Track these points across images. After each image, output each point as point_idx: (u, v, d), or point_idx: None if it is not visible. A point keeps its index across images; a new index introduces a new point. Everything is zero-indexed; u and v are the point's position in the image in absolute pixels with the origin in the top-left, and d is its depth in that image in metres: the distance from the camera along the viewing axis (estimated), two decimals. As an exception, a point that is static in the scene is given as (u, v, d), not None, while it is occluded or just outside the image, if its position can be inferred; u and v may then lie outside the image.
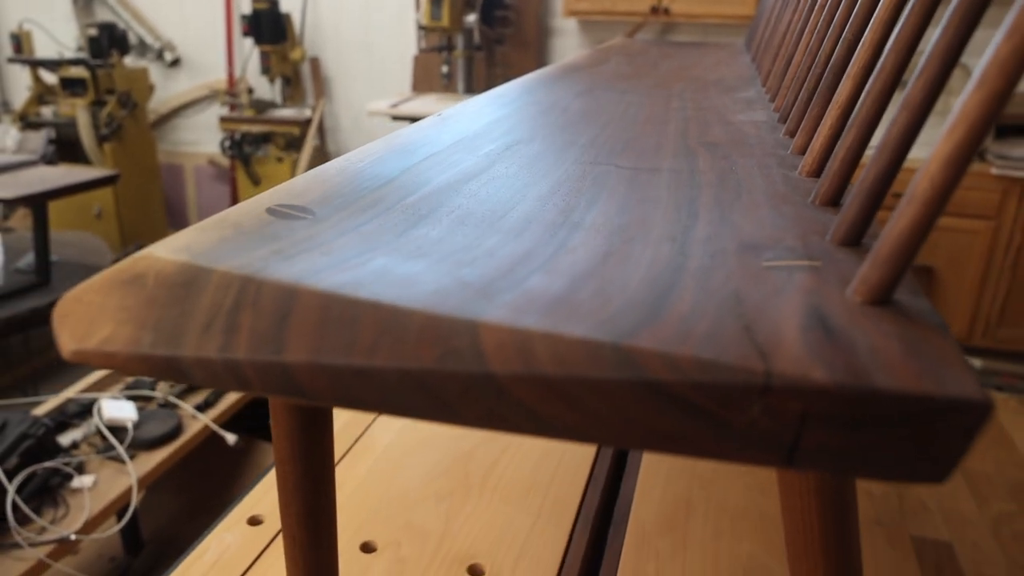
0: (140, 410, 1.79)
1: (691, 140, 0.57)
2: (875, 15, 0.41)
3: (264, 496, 0.78)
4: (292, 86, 4.06)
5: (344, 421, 0.92)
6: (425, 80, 4.03)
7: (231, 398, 1.99)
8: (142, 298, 0.25)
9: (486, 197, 0.39)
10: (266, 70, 3.92)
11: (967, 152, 0.22)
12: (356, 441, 0.89)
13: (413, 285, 0.25)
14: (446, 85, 3.67)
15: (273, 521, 0.75)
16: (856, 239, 0.31)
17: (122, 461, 1.62)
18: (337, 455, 0.86)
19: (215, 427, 1.86)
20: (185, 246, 0.28)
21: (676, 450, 0.21)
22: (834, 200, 0.37)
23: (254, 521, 0.74)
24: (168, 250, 0.27)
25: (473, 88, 3.84)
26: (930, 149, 0.23)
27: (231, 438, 1.90)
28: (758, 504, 0.81)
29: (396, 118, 3.35)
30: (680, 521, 0.76)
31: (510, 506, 0.77)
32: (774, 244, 0.31)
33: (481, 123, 0.60)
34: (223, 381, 0.24)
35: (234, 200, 4.34)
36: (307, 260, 0.27)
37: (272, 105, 4.08)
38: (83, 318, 0.26)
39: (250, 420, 2.20)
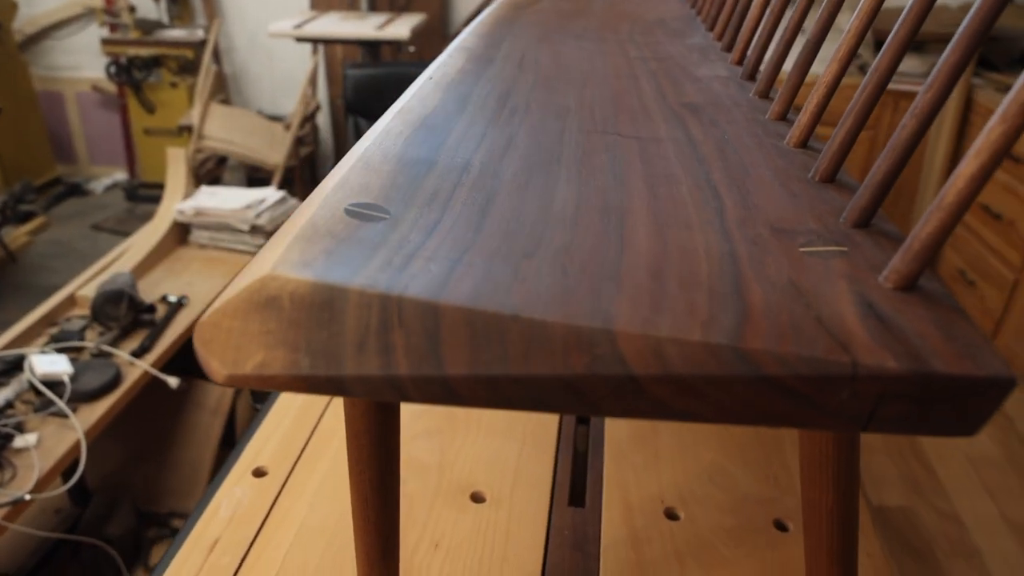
0: (73, 362, 1.74)
1: (672, 101, 0.62)
2: None
3: (264, 447, 0.82)
4: (179, 4, 3.80)
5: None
6: (324, 0, 3.85)
7: (167, 341, 1.96)
8: (283, 321, 0.28)
9: (525, 182, 0.43)
10: (151, -13, 3.65)
11: (987, 173, 0.28)
12: (337, 386, 0.92)
13: (529, 292, 0.29)
14: (351, 3, 3.53)
15: (277, 472, 0.78)
16: (866, 222, 0.37)
17: (64, 416, 1.59)
18: (321, 401, 0.90)
19: (156, 372, 1.84)
20: (302, 262, 0.30)
21: (777, 424, 0.27)
22: (831, 177, 0.43)
23: (259, 473, 0.78)
24: (290, 268, 0.30)
25: (377, 6, 3.71)
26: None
27: (173, 382, 1.88)
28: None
29: (301, 39, 3.21)
30: (650, 437, 0.85)
31: (496, 437, 0.84)
32: (800, 227, 0.37)
33: (472, 87, 0.62)
34: (381, 393, 0.28)
35: (127, 129, 4.09)
36: (421, 270, 0.31)
37: (159, 25, 3.82)
38: (229, 344, 0.28)
39: (189, 360, 2.17)
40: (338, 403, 0.90)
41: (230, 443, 2.37)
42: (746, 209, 0.40)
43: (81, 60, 4.20)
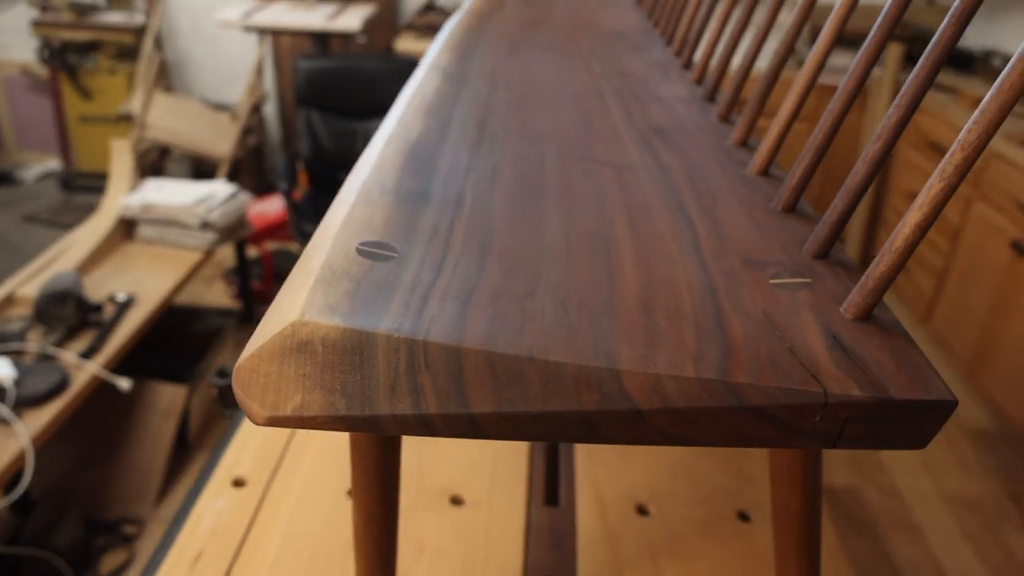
0: (15, 365, 1.71)
1: (639, 124, 0.66)
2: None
3: (241, 456, 0.83)
4: (118, -11, 3.69)
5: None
6: (270, -15, 3.78)
7: (117, 341, 1.93)
8: (318, 364, 0.31)
9: (516, 215, 0.46)
10: (87, -28, 3.53)
11: (930, 223, 0.33)
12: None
13: (538, 332, 0.33)
14: (298, -8, 3.48)
15: (256, 482, 0.80)
16: (825, 254, 0.41)
17: (6, 422, 1.56)
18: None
19: (106, 374, 1.81)
20: (328, 307, 0.33)
21: (759, 445, 0.31)
22: (791, 208, 0.48)
23: (239, 483, 0.80)
24: (318, 313, 0.33)
25: (325, -5, 3.66)
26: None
27: (125, 383, 1.86)
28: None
29: (249, 29, 3.16)
30: (615, 436, 0.89)
31: (472, 441, 0.87)
32: (768, 259, 0.41)
33: (451, 109, 0.65)
34: (412, 430, 0.31)
35: (60, 116, 3.96)
36: (437, 312, 0.33)
37: (94, 8, 3.70)
38: (268, 387, 0.31)
39: (139, 361, 2.14)
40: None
41: (183, 445, 2.35)
42: (719, 239, 0.44)
43: (8, 41, 4.03)
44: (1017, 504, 2.17)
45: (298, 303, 0.33)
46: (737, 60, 3.76)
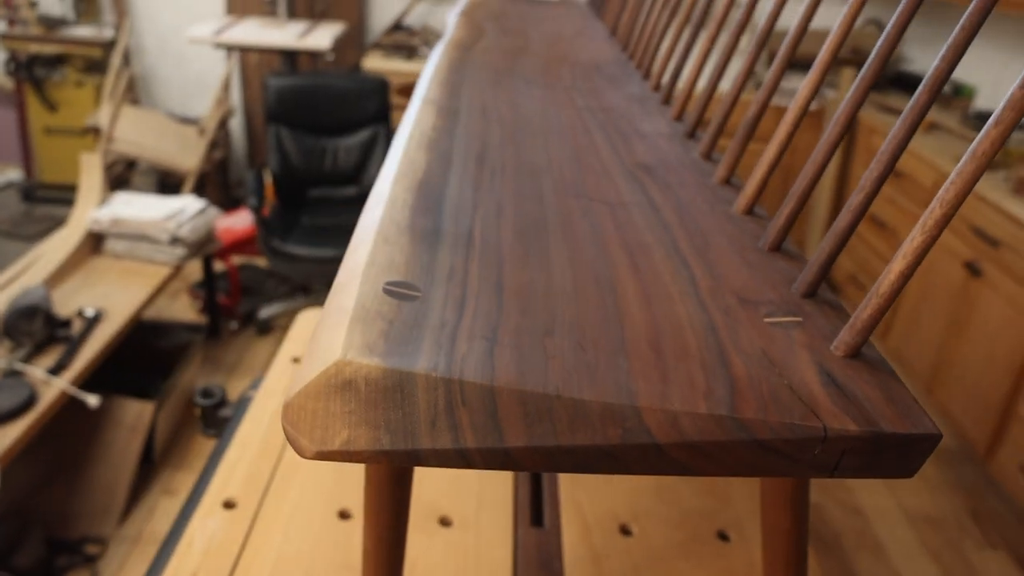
0: (-15, 382, 1.68)
1: (626, 160, 0.69)
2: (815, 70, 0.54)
3: (231, 477, 0.84)
4: (86, 1, 3.65)
5: (280, 395, 0.98)
6: (239, 2, 3.78)
7: (85, 357, 1.90)
8: (362, 402, 0.33)
9: (524, 253, 0.49)
10: (54, -16, 3.49)
11: (911, 271, 0.36)
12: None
13: (561, 370, 0.36)
14: (271, 10, 3.49)
15: (247, 502, 0.81)
16: (813, 293, 0.45)
17: (-21, 440, 1.53)
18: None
19: (74, 390, 1.79)
20: (367, 347, 0.35)
21: (761, 475, 0.34)
22: (778, 247, 0.51)
23: (229, 504, 0.81)
24: (359, 353, 0.35)
25: (295, 13, 3.68)
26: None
27: (93, 400, 1.84)
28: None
29: (220, 46, 3.15)
30: (598, 457, 0.92)
31: (457, 460, 0.89)
32: (762, 298, 0.45)
33: (450, 144, 0.67)
34: (451, 463, 0.33)
35: (23, 127, 3.89)
36: (467, 350, 0.36)
37: (63, 22, 3.66)
38: (316, 424, 0.33)
39: (104, 375, 2.11)
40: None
41: (148, 461, 2.32)
42: (714, 279, 0.47)
43: (-29, 54, 3.96)
44: (977, 521, 2.25)
45: (338, 343, 0.35)
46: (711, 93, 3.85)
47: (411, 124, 0.71)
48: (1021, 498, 2.15)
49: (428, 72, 0.95)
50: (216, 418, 1.02)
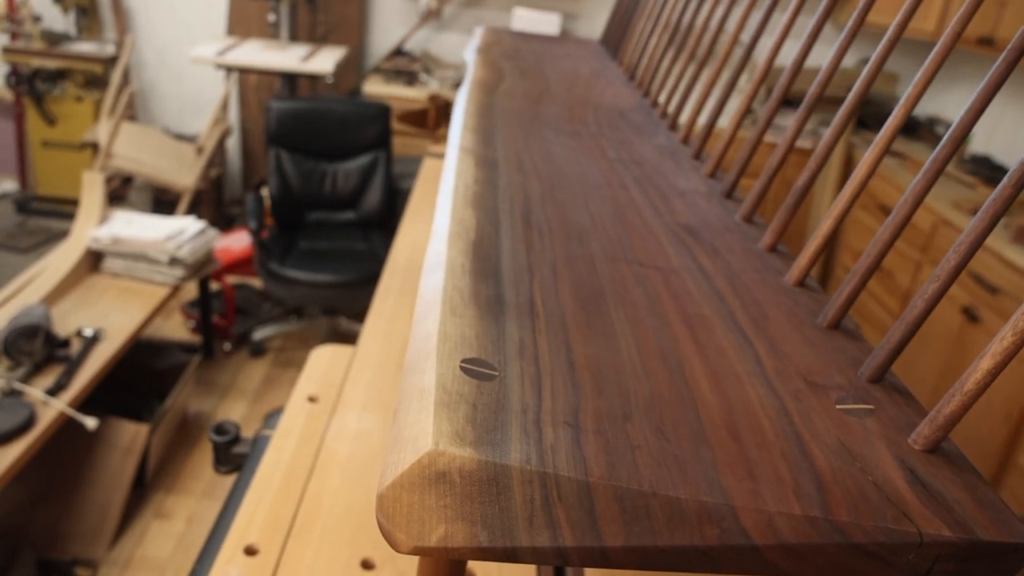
0: (-17, 403, 1.65)
1: (668, 220, 0.69)
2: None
3: (251, 521, 0.83)
4: (88, 17, 3.65)
5: (298, 436, 0.97)
6: (241, 23, 3.80)
7: (84, 377, 1.88)
8: (457, 496, 0.33)
9: (587, 324, 0.49)
10: (59, -1, 3.49)
11: (998, 371, 0.37)
12: (317, 454, 0.94)
13: (650, 463, 0.35)
14: (272, 32, 3.50)
15: (269, 548, 0.80)
16: (881, 378, 0.45)
17: (-23, 464, 1.51)
18: (303, 469, 0.92)
19: (72, 412, 1.76)
20: (456, 434, 0.35)
21: (852, 576, 0.34)
22: (837, 325, 0.52)
23: (250, 551, 0.79)
24: (449, 443, 0.34)
25: (297, 36, 3.69)
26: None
27: (91, 423, 1.81)
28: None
29: (222, 67, 3.15)
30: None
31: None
32: (829, 382, 0.45)
33: (495, 200, 0.68)
34: (547, 560, 0.33)
35: (20, 139, 3.87)
36: (555, 440, 0.36)
37: (65, 37, 3.65)
38: (412, 518, 0.33)
39: (98, 395, 2.08)
40: (316, 472, 0.92)
41: (140, 483, 2.28)
42: (777, 358, 0.47)
43: (-28, 65, 3.95)
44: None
45: (427, 430, 0.34)
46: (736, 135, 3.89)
47: (453, 176, 0.71)
48: (1015, 545, 2.15)
49: (459, 115, 0.96)
50: (230, 455, 1.01)
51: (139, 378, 2.51)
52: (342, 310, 3.26)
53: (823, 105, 3.57)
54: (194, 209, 3.44)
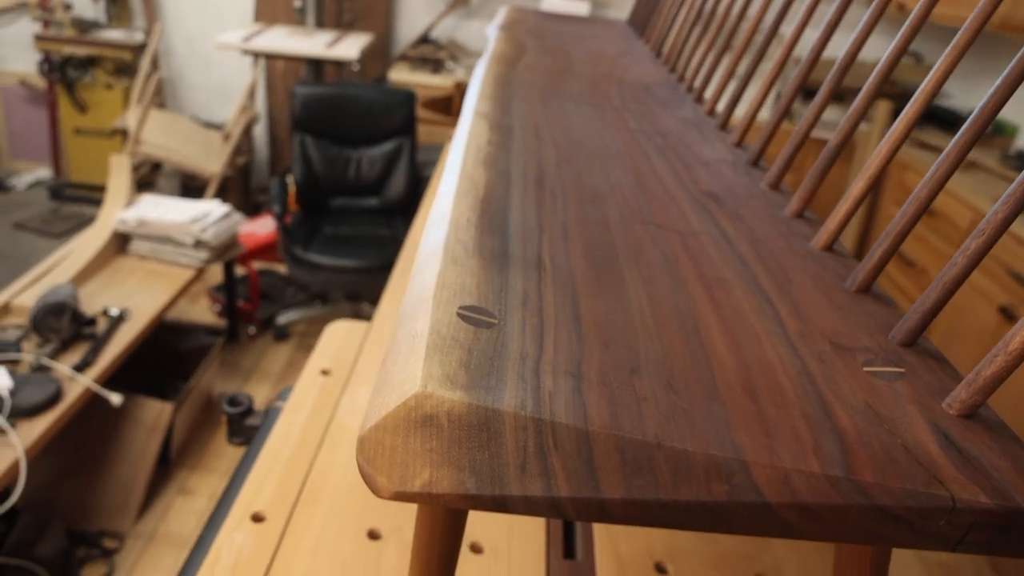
0: (11, 375, 1.67)
1: (690, 187, 0.66)
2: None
3: (260, 490, 0.82)
4: (118, 5, 3.68)
5: (310, 408, 0.96)
6: (268, 11, 3.80)
7: (110, 355, 1.89)
8: (444, 439, 0.31)
9: (597, 282, 0.46)
10: (91, -15, 3.52)
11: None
12: (328, 427, 0.93)
13: (656, 415, 0.33)
14: (299, 19, 3.50)
15: (276, 516, 0.79)
16: (913, 342, 0.42)
17: (1, 432, 1.52)
18: (313, 441, 0.91)
19: (98, 388, 1.77)
20: (447, 378, 0.33)
21: (876, 544, 0.31)
22: (867, 289, 0.48)
23: (258, 518, 0.78)
24: (439, 386, 0.32)
25: (324, 23, 3.69)
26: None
27: (116, 399, 1.82)
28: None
29: (248, 52, 3.16)
30: (635, 491, 0.89)
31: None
32: (857, 344, 0.42)
33: (508, 163, 0.65)
34: (540, 511, 0.30)
35: (54, 127, 3.92)
36: (554, 388, 0.33)
37: (95, 25, 3.69)
38: (395, 461, 0.31)
39: (124, 374, 2.10)
40: (325, 446, 0.91)
41: (164, 461, 2.30)
42: (801, 321, 0.44)
43: (7, 53, 4.01)
44: (998, 573, 2.18)
45: (416, 372, 0.32)
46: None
47: (465, 138, 0.69)
48: (1050, 549, 2.08)
49: (476, 85, 0.93)
50: (243, 427, 1.00)
51: (164, 359, 2.53)
52: (365, 296, 3.26)
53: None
54: (221, 196, 3.45)
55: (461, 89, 3.31)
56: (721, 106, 3.26)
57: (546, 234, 0.51)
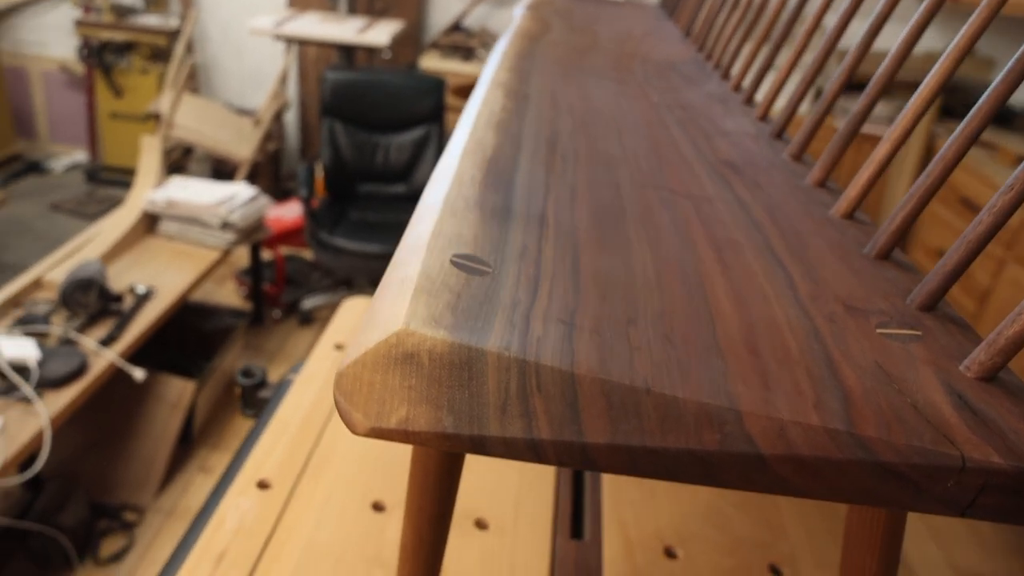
0: (40, 347, 1.69)
1: (709, 156, 0.64)
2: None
3: (267, 458, 0.81)
4: (157, -11, 3.72)
5: (321, 381, 0.95)
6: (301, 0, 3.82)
7: (134, 331, 1.91)
8: (424, 377, 0.29)
9: (601, 239, 0.44)
10: (128, -30, 3.57)
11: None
12: (338, 402, 0.92)
13: (649, 363, 0.31)
14: (331, 5, 3.51)
15: (282, 484, 0.78)
16: (933, 306, 0.40)
17: (28, 401, 1.54)
18: (323, 412, 0.90)
19: (122, 363, 1.80)
20: (432, 319, 0.31)
21: (878, 504, 0.29)
22: (887, 255, 0.46)
23: (263, 485, 0.78)
24: (423, 324, 0.31)
25: (355, 9, 3.70)
26: None
27: (139, 373, 1.84)
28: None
29: (279, 37, 3.18)
30: (647, 474, 0.87)
31: (497, 463, 0.85)
32: (871, 307, 0.39)
33: (520, 127, 0.64)
34: (519, 454, 0.29)
35: (91, 111, 3.98)
36: (543, 333, 0.32)
37: (132, 11, 3.74)
38: (372, 397, 0.29)
39: (149, 351, 2.12)
40: (336, 417, 0.90)
41: (186, 439, 2.33)
42: (814, 283, 0.42)
43: (49, 38, 4.08)
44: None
45: (401, 312, 0.31)
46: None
47: (479, 104, 0.67)
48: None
49: (495, 58, 0.92)
50: (256, 398, 1.00)
51: (189, 340, 2.55)
52: (390, 284, 3.26)
53: (904, 92, 3.41)
54: (251, 181, 3.48)
55: (491, 77, 3.29)
56: (747, 82, 3.21)
57: (552, 194, 0.50)
